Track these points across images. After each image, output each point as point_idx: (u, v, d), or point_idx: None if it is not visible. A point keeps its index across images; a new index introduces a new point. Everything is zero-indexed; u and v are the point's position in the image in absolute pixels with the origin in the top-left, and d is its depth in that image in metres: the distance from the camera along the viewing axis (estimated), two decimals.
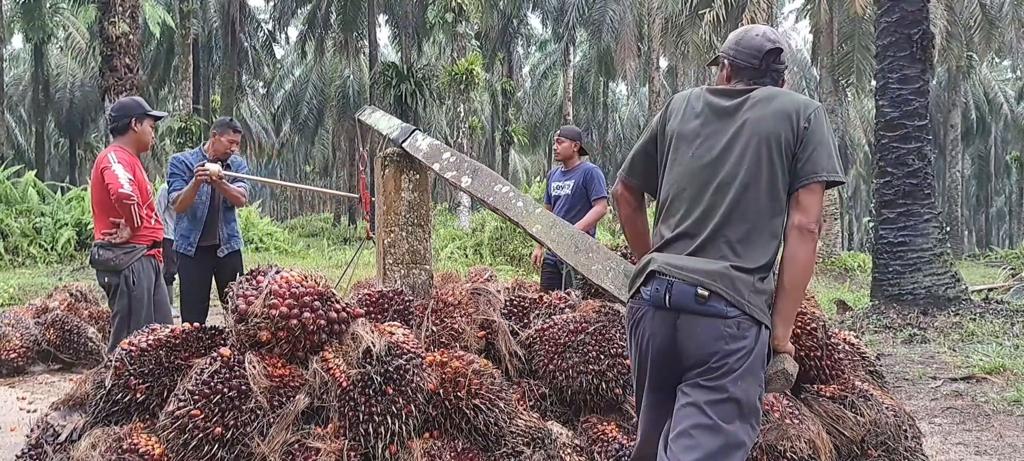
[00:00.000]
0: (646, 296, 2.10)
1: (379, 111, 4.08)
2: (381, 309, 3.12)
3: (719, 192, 2.10)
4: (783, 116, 2.10)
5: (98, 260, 4.23)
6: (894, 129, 8.78)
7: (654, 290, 2.07)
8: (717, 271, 2.01)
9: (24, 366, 5.93)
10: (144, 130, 4.33)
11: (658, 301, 2.06)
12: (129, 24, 12.84)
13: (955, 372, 5.67)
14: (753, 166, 2.08)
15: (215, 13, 28.92)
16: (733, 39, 2.30)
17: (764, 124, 2.10)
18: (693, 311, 2.01)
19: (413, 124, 4.31)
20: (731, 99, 2.19)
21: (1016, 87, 38.44)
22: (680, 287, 2.02)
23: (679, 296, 2.02)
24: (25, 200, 15.30)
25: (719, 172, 2.11)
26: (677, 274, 2.04)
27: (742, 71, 2.25)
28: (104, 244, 4.20)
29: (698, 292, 2.00)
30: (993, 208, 48.07)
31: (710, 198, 2.10)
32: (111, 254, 4.18)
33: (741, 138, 2.11)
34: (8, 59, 32.47)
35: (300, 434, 2.48)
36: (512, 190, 3.39)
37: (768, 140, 2.08)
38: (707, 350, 2.00)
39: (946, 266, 8.62)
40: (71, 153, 35.63)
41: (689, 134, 2.20)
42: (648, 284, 2.10)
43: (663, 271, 2.07)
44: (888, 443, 3.00)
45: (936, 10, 18.08)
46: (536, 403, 2.91)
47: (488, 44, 29.43)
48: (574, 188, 5.34)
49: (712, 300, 1.99)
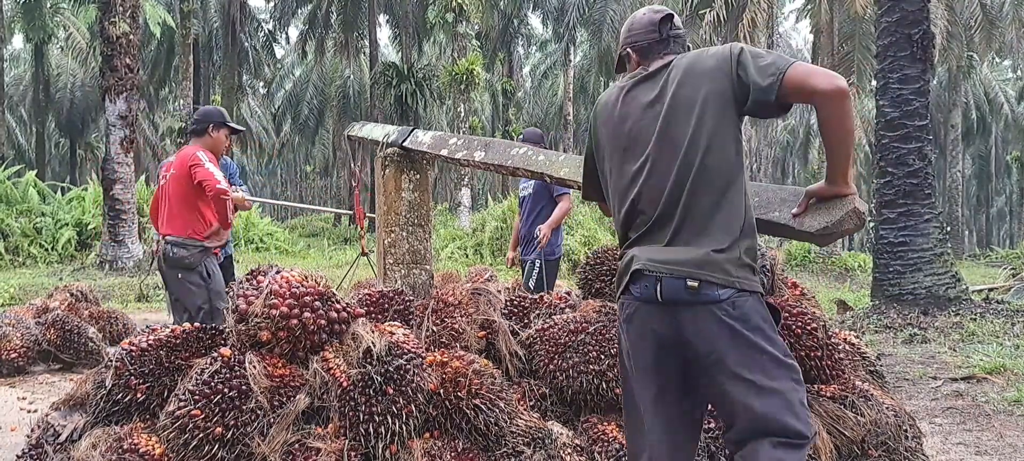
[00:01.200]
0: (636, 294, 2.08)
1: (369, 124, 4.09)
2: (381, 309, 3.12)
3: (674, 180, 2.05)
4: (705, 67, 2.06)
5: (173, 257, 4.29)
6: (894, 129, 8.78)
7: (643, 287, 2.05)
8: (701, 259, 1.99)
9: (25, 366, 5.93)
10: (219, 137, 4.55)
11: (651, 297, 2.04)
12: (129, 24, 12.86)
13: (955, 372, 5.67)
14: (697, 135, 2.03)
15: (215, 13, 28.94)
16: (624, 30, 2.31)
17: (691, 86, 2.06)
18: (687, 303, 1.99)
19: (413, 124, 4.32)
20: (650, 83, 2.16)
21: (1017, 87, 38.43)
22: (669, 282, 2.00)
23: (670, 291, 2.00)
24: (25, 200, 15.33)
25: (666, 160, 2.06)
26: (663, 269, 2.02)
27: (647, 51, 2.24)
28: (178, 242, 4.28)
29: (688, 284, 1.98)
30: (993, 208, 48.06)
31: (667, 189, 2.06)
32: (186, 252, 4.28)
33: (675, 116, 2.07)
34: (8, 59, 32.48)
35: (300, 434, 2.48)
36: (529, 149, 3.35)
37: (704, 97, 2.03)
38: (714, 343, 1.97)
39: (947, 266, 8.62)
40: (71, 153, 35.64)
41: (624, 138, 2.18)
42: (636, 283, 2.08)
43: (648, 269, 2.04)
44: (888, 443, 3.00)
45: (936, 10, 18.07)
46: (536, 403, 2.91)
47: (488, 44, 29.44)
48: (537, 186, 5.45)
49: (703, 288, 1.97)
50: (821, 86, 1.94)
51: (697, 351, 2.01)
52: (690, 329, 2.00)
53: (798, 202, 2.24)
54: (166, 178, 4.49)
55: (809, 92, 1.96)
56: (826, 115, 1.98)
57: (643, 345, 2.10)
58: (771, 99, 1.98)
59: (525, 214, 5.56)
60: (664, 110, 2.09)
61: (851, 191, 2.12)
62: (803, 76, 1.95)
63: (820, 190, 2.18)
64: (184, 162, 4.36)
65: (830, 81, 1.94)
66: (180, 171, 4.36)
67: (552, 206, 5.38)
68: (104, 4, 12.91)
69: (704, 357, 2.00)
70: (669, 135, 2.07)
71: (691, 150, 2.03)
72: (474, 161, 3.40)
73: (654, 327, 2.07)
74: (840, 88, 1.94)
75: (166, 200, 4.41)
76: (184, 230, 4.32)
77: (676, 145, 2.05)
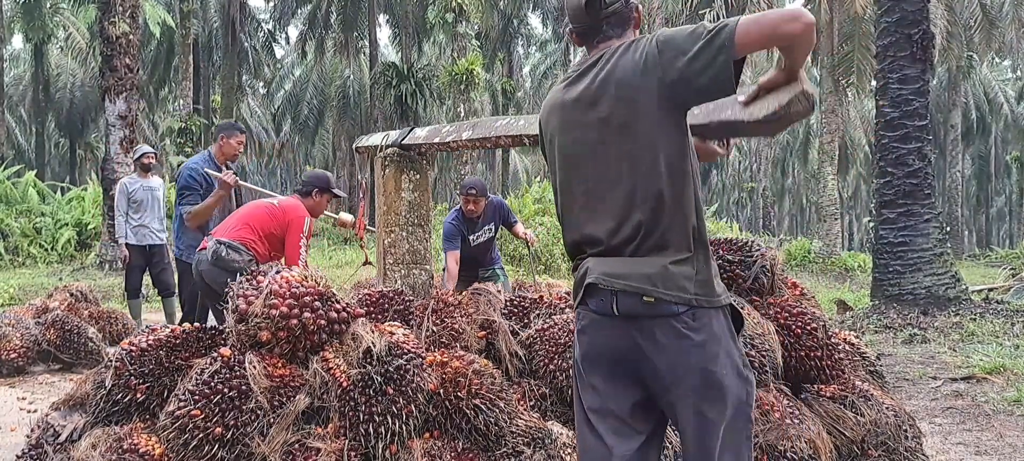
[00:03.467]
0: (593, 307, 2.00)
1: (376, 135, 4.14)
2: (381, 309, 3.12)
3: (624, 197, 1.94)
4: (627, 63, 1.91)
5: (223, 258, 4.30)
6: (894, 129, 8.79)
7: (599, 302, 1.97)
8: (656, 273, 1.91)
9: (24, 366, 5.93)
10: (322, 202, 4.66)
11: (607, 311, 1.95)
12: (129, 24, 12.84)
13: (955, 372, 5.67)
14: (631, 137, 1.91)
15: (215, 13, 28.92)
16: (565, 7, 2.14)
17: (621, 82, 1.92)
18: (644, 316, 1.91)
19: (413, 124, 4.34)
20: (580, 84, 2.03)
21: (1016, 87, 38.43)
22: (624, 298, 1.92)
23: (626, 306, 1.92)
24: (25, 200, 15.33)
25: (612, 177, 1.96)
26: (618, 284, 1.93)
27: (584, 35, 2.10)
28: (234, 246, 4.31)
29: (644, 300, 1.90)
30: (993, 208, 48.05)
31: (619, 204, 1.95)
32: (238, 257, 4.30)
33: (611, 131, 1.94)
34: (8, 59, 32.48)
35: (300, 434, 2.48)
36: (511, 118, 3.39)
37: (638, 109, 1.89)
38: (669, 359, 1.90)
39: (946, 266, 8.62)
40: (71, 153, 35.63)
41: (568, 148, 2.06)
42: (591, 297, 1.99)
43: (602, 284, 1.95)
44: (888, 443, 3.00)
45: (936, 10, 18.08)
46: (536, 403, 2.91)
47: (488, 44, 29.44)
48: (495, 228, 5.69)
49: (659, 304, 1.89)
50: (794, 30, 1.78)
51: (655, 366, 1.93)
52: (645, 339, 1.93)
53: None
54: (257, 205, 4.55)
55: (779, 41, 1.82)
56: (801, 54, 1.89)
57: (598, 358, 2.02)
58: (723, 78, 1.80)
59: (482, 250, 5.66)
60: (599, 123, 1.97)
61: (800, 77, 1.98)
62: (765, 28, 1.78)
63: (770, 78, 2.05)
64: (288, 212, 4.43)
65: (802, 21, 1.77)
66: (280, 212, 4.43)
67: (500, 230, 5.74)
68: (104, 4, 12.90)
69: (664, 373, 1.93)
70: (611, 150, 1.96)
71: (637, 164, 1.92)
72: (462, 139, 3.41)
73: (610, 341, 1.99)
74: (809, 24, 1.78)
75: (244, 214, 4.46)
76: (247, 239, 4.38)
77: (620, 159, 1.94)
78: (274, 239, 4.44)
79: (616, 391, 2.02)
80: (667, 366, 1.92)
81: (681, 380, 1.91)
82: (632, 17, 2.09)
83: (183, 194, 5.13)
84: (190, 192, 5.08)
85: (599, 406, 2.03)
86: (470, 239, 5.63)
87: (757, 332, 2.96)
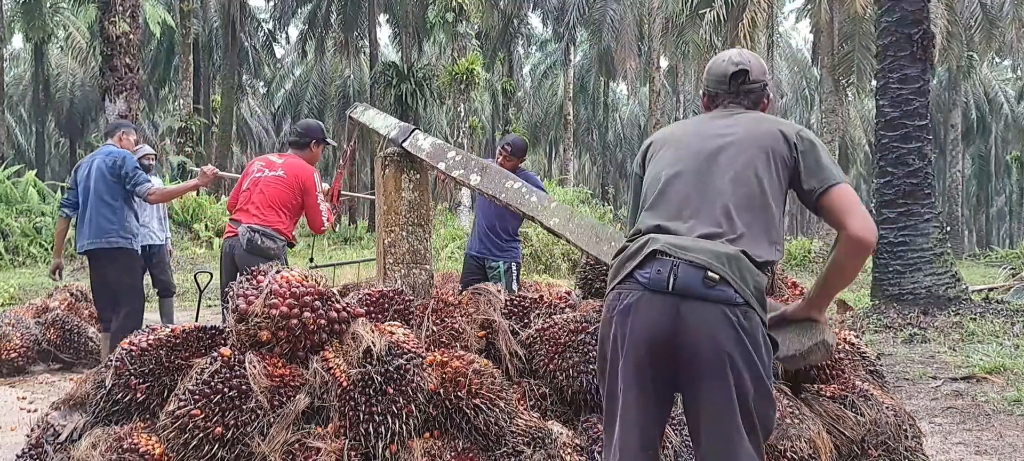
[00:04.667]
0: (642, 279, 1.93)
1: (373, 109, 4.08)
2: (381, 309, 3.11)
3: (719, 176, 2.05)
4: (773, 132, 2.10)
5: (259, 247, 4.36)
6: (894, 129, 8.78)
7: (655, 272, 1.90)
8: (729, 255, 1.90)
9: (24, 366, 5.93)
10: (318, 152, 4.79)
11: (659, 285, 1.89)
12: (129, 24, 12.83)
13: (955, 372, 5.67)
14: (751, 165, 2.05)
15: (215, 13, 28.93)
16: (706, 71, 2.35)
17: (757, 135, 2.10)
18: (699, 297, 1.86)
19: (413, 124, 4.33)
20: (719, 118, 2.23)
21: (1016, 87, 38.42)
22: (686, 269, 1.87)
23: (685, 279, 1.87)
24: (25, 200, 15.33)
25: (718, 160, 2.08)
26: (684, 255, 1.89)
27: (717, 98, 2.29)
28: (268, 233, 4.39)
29: (707, 275, 1.86)
30: (993, 208, 48.05)
31: (712, 182, 2.05)
32: (273, 244, 4.39)
33: (735, 141, 2.11)
34: (8, 59, 32.47)
35: (300, 434, 2.48)
36: (524, 185, 3.38)
37: (764, 149, 2.07)
38: (715, 345, 1.85)
39: (946, 266, 8.62)
40: (71, 153, 35.65)
41: (675, 138, 2.23)
42: (646, 266, 1.93)
43: (667, 251, 1.91)
44: (888, 443, 3.00)
45: (936, 10, 18.08)
46: (536, 403, 2.91)
47: (488, 44, 29.43)
48: None
49: (720, 285, 1.86)
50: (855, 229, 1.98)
51: (697, 351, 1.87)
52: (690, 322, 1.87)
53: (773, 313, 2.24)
54: (264, 174, 4.54)
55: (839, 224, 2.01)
56: (844, 255, 2.02)
57: (636, 339, 1.95)
58: (809, 201, 2.06)
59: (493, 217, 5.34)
60: (724, 134, 2.13)
61: (823, 320, 2.19)
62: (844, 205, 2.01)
63: (794, 312, 2.22)
64: (298, 175, 4.53)
65: (866, 228, 1.98)
66: (291, 179, 4.51)
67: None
68: (104, 4, 12.90)
69: (705, 360, 1.87)
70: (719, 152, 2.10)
71: (736, 168, 2.06)
72: (469, 183, 3.41)
73: (653, 321, 1.91)
74: (869, 241, 1.98)
75: (261, 194, 4.49)
76: (277, 223, 4.46)
77: (725, 159, 2.08)
78: (295, 209, 4.54)
79: (647, 376, 1.98)
80: (711, 352, 1.87)
81: (718, 369, 1.87)
82: (763, 101, 2.29)
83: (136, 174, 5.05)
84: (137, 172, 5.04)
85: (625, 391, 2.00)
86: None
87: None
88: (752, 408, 1.91)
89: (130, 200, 5.09)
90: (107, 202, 5.03)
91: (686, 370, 1.93)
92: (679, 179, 2.10)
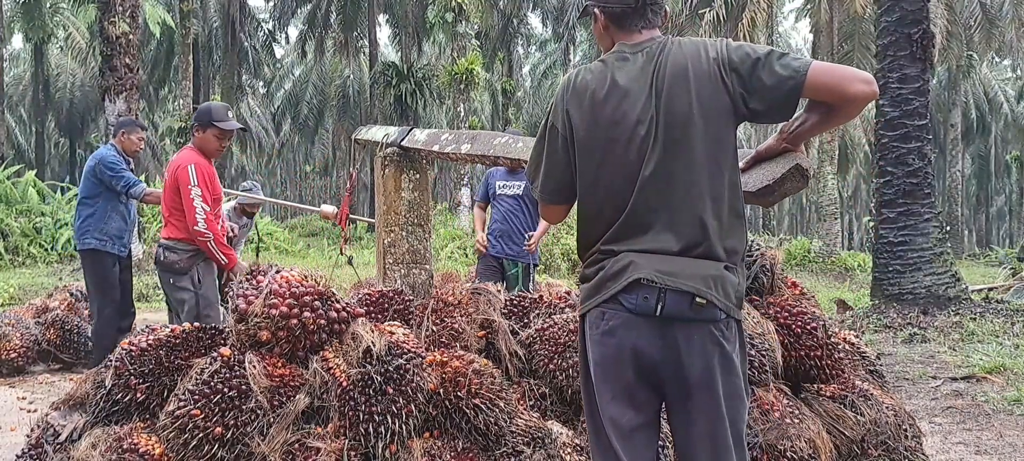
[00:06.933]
0: (628, 305, 1.85)
1: (375, 127, 4.10)
2: (381, 309, 3.12)
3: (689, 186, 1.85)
4: (704, 71, 1.84)
5: (164, 261, 4.25)
6: (894, 128, 8.79)
7: (642, 300, 1.83)
8: (712, 275, 1.84)
9: (24, 366, 5.93)
10: (207, 138, 4.29)
11: (646, 310, 1.83)
12: (129, 24, 12.83)
13: (955, 372, 5.67)
14: (705, 142, 1.84)
15: (215, 13, 28.92)
16: None
17: (683, 71, 1.84)
18: (688, 319, 1.83)
19: (413, 124, 4.33)
20: (633, 65, 1.91)
21: (1016, 86, 38.43)
22: (674, 297, 1.81)
23: (673, 306, 1.82)
24: (25, 200, 15.33)
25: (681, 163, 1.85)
26: (672, 282, 1.82)
27: (621, 18, 1.97)
28: (169, 246, 4.23)
29: (695, 301, 1.81)
30: (993, 208, 48.06)
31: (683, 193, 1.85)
32: (176, 256, 4.22)
33: (668, 100, 1.84)
34: (8, 59, 32.48)
35: (300, 434, 2.48)
36: (510, 137, 3.37)
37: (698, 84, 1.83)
38: (704, 362, 1.84)
39: (946, 266, 8.63)
40: (71, 153, 35.65)
41: (606, 120, 1.90)
42: (631, 292, 1.85)
43: (652, 280, 1.83)
44: (888, 443, 3.00)
45: (936, 9, 18.08)
46: (536, 403, 2.91)
47: (488, 44, 29.42)
48: (525, 189, 5.42)
49: (709, 307, 1.83)
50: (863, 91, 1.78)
51: (685, 371, 1.85)
52: (682, 344, 1.84)
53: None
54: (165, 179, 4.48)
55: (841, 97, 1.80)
56: (853, 111, 1.85)
57: (621, 362, 1.90)
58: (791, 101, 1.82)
59: (502, 211, 5.50)
60: (651, 101, 1.85)
61: (797, 149, 1.96)
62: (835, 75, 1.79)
63: (767, 146, 2.02)
64: (172, 171, 4.25)
65: (868, 81, 1.79)
66: (169, 178, 4.27)
67: (533, 206, 5.38)
68: (104, 4, 12.90)
69: (693, 378, 1.85)
70: (674, 134, 1.84)
71: (703, 158, 1.84)
72: (461, 153, 3.41)
73: (637, 344, 1.87)
74: (875, 90, 1.80)
75: (163, 203, 4.37)
76: (176, 234, 4.25)
77: (687, 147, 1.84)
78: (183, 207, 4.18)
79: (638, 398, 1.93)
80: (700, 370, 1.84)
81: (708, 386, 1.85)
82: (664, 8, 2.02)
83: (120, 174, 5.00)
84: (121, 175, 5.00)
85: (617, 415, 1.93)
86: (495, 187, 5.58)
87: (757, 332, 2.96)
88: (735, 417, 1.91)
89: (113, 201, 5.07)
90: (85, 202, 5.09)
91: (674, 388, 1.90)
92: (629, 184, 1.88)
